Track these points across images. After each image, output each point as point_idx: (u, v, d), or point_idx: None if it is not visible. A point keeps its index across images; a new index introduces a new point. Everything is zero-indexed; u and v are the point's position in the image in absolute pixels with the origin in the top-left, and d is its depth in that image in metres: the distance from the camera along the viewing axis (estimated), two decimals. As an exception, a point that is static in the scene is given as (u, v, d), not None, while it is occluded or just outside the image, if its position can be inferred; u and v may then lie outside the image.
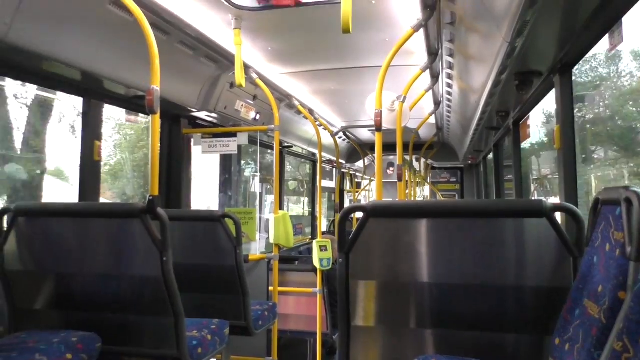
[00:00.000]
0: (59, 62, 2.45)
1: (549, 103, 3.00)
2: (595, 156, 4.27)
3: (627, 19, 1.93)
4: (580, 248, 1.66)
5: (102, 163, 3.08)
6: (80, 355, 1.91)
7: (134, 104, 3.36)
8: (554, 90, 2.78)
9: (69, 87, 2.92)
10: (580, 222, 1.68)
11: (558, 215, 1.78)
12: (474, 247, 1.83)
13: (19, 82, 3.28)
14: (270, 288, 3.83)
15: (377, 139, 2.84)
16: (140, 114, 4.05)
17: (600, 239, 1.30)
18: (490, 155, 6.08)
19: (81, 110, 3.03)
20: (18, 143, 3.54)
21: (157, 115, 2.21)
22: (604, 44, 2.15)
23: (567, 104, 2.65)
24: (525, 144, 4.55)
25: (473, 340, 1.83)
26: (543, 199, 2.01)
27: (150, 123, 2.22)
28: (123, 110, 4.14)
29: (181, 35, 2.95)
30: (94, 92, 3.01)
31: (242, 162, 5.39)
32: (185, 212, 3.56)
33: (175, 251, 2.16)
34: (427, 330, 1.88)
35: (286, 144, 5.97)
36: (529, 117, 3.89)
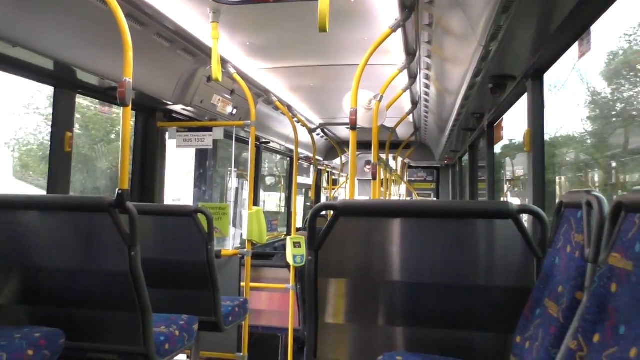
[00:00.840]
0: (30, 50, 2.40)
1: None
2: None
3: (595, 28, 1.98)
4: (544, 249, 1.70)
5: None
6: (42, 351, 1.87)
7: (108, 95, 3.30)
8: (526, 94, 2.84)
9: (41, 75, 2.85)
10: (544, 224, 1.72)
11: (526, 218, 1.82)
12: (443, 246, 1.86)
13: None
14: (243, 284, 3.82)
15: (352, 137, 2.85)
16: (115, 106, 3.98)
17: (562, 241, 1.33)
18: (466, 156, 6.17)
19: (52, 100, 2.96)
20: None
21: (129, 108, 2.18)
22: (574, 51, 2.21)
23: (538, 108, 2.70)
24: (499, 145, 4.63)
25: (440, 338, 1.86)
26: (509, 200, 2.06)
27: (122, 115, 2.19)
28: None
29: (158, 27, 2.91)
30: (66, 82, 2.95)
31: (219, 157, 5.33)
32: (157, 206, 3.52)
33: (145, 246, 2.13)
34: (396, 328, 1.91)
35: (263, 140, 5.95)
36: (502, 119, 3.96)
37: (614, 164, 3.40)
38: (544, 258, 1.62)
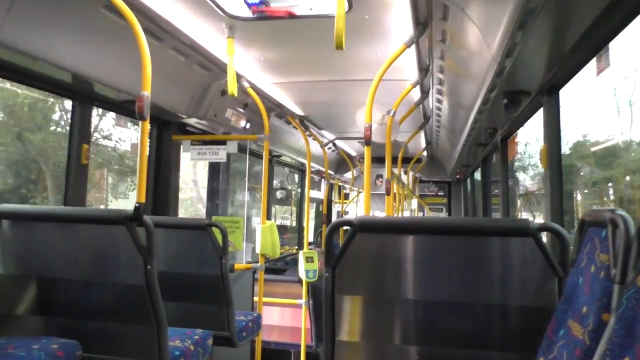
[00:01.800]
0: (49, 63, 2.44)
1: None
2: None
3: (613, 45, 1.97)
4: (565, 268, 1.67)
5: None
6: (59, 363, 1.88)
7: (124, 108, 3.34)
8: (542, 109, 2.83)
9: (59, 88, 2.89)
10: (565, 243, 1.70)
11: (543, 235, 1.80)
12: (460, 264, 1.84)
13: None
14: (255, 298, 3.80)
15: (367, 153, 2.85)
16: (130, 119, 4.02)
17: (586, 260, 1.31)
18: (478, 171, 6.14)
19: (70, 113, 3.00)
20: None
21: (147, 122, 2.20)
22: (591, 67, 2.20)
23: (553, 124, 2.69)
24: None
25: (457, 357, 1.83)
26: (530, 218, 2.03)
27: (140, 129, 2.21)
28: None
29: (174, 42, 2.95)
30: (83, 95, 2.99)
31: (230, 171, 5.36)
32: (172, 219, 3.53)
33: (160, 259, 2.13)
34: (412, 347, 1.88)
35: (275, 154, 5.97)
36: (516, 134, 3.94)
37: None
38: (565, 277, 1.59)
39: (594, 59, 2.11)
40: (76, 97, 2.97)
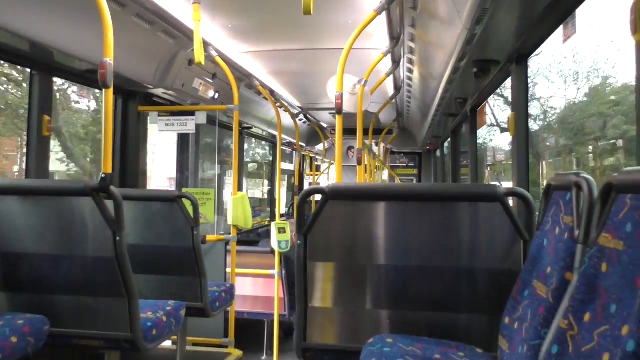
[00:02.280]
0: (6, 31, 2.31)
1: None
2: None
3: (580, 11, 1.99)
4: (530, 232, 1.72)
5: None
6: (27, 338, 1.84)
7: (87, 78, 3.22)
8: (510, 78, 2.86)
9: (17, 57, 2.76)
10: (531, 207, 1.74)
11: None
12: (430, 230, 1.88)
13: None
14: (228, 270, 3.80)
15: (338, 122, 2.83)
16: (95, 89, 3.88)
17: (551, 223, 1.35)
18: (448, 141, 6.21)
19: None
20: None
21: (110, 90, 2.12)
22: (558, 35, 2.22)
23: (522, 92, 2.72)
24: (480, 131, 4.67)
25: (428, 320, 1.88)
26: (497, 184, 2.08)
27: (103, 98, 2.13)
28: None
29: (137, 8, 2.84)
30: (43, 64, 2.86)
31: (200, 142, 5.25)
32: (141, 191, 3.46)
33: (130, 232, 2.10)
34: (384, 311, 1.92)
35: (246, 125, 5.89)
36: (486, 104, 3.98)
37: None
38: (531, 241, 1.64)
39: (561, 26, 2.13)
40: (35, 66, 2.84)
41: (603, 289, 0.95)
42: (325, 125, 7.99)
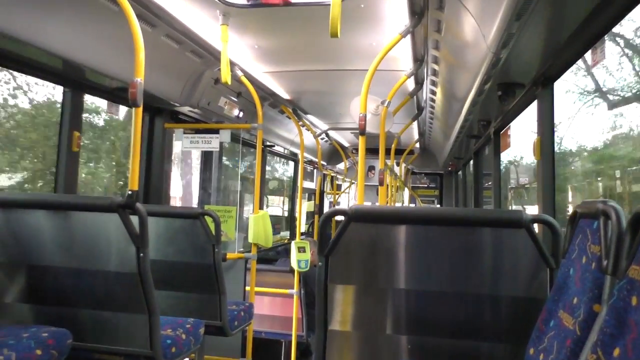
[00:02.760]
0: (39, 49, 2.40)
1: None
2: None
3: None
4: (556, 259, 1.68)
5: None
6: (50, 351, 1.86)
7: (116, 95, 3.30)
8: (535, 102, 2.83)
9: (49, 75, 2.85)
10: (557, 234, 1.70)
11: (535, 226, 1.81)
12: (453, 254, 1.85)
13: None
14: (247, 288, 3.80)
15: (361, 143, 2.84)
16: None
17: (577, 252, 1.32)
18: (470, 163, 6.15)
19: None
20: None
21: (140, 109, 2.17)
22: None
23: (547, 116, 2.69)
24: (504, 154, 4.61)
25: (448, 348, 1.84)
26: (522, 209, 2.04)
27: (133, 116, 2.18)
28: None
29: (167, 29, 2.91)
30: (74, 82, 2.95)
31: (224, 159, 5.33)
32: (164, 208, 3.51)
33: (151, 247, 2.12)
34: (403, 337, 1.89)
35: (268, 143, 5.95)
36: (509, 127, 3.94)
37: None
38: (557, 269, 1.60)
39: (589, 51, 2.11)
40: (67, 83, 2.93)
41: (633, 323, 0.92)
42: (346, 145, 8.01)
